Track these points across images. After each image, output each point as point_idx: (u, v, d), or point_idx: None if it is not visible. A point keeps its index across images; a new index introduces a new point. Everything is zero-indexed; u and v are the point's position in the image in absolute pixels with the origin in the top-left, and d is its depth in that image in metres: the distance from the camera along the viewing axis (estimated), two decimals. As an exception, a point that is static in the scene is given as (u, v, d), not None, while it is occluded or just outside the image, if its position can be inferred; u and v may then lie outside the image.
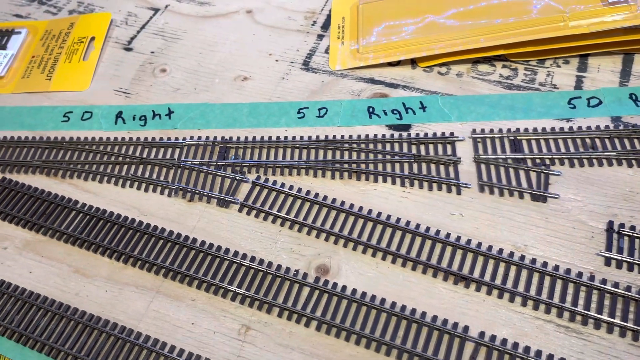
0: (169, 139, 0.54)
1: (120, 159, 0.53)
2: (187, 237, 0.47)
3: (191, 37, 0.64)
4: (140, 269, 0.46)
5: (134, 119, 0.56)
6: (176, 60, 0.61)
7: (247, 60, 0.60)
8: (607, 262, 0.41)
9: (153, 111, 0.57)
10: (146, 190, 0.51)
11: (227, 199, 0.49)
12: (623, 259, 0.41)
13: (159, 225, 0.48)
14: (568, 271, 0.41)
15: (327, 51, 0.60)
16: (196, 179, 0.51)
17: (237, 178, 0.50)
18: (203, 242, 0.46)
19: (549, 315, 0.40)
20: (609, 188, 0.45)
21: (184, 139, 0.54)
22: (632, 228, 0.42)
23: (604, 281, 0.40)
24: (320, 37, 0.62)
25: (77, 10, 0.69)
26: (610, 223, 0.43)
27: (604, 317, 0.39)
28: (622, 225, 0.43)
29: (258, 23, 0.64)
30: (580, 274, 0.41)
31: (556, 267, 0.41)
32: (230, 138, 0.53)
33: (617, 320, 0.38)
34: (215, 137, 0.53)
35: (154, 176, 0.52)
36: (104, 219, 0.49)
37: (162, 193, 0.50)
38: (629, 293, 0.39)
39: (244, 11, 0.66)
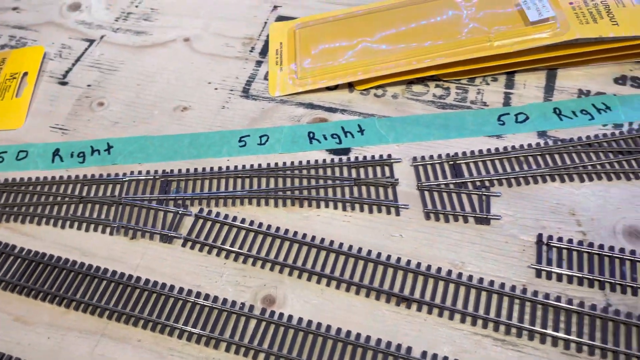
0: (109, 175, 0.53)
1: (59, 198, 0.52)
2: (130, 276, 0.47)
3: (128, 68, 0.63)
4: (83, 313, 0.45)
5: (72, 156, 0.55)
6: (114, 93, 0.61)
7: (186, 90, 0.60)
8: (538, 274, 0.44)
9: (91, 147, 0.56)
10: (87, 230, 0.50)
11: (170, 234, 0.49)
12: (552, 270, 0.43)
13: (102, 266, 0.47)
14: (502, 285, 0.43)
15: (266, 77, 0.61)
16: (138, 215, 0.50)
17: (180, 212, 0.50)
18: (147, 280, 0.46)
19: (487, 330, 0.41)
20: (538, 202, 0.47)
21: (125, 174, 0.53)
22: (560, 239, 0.45)
23: (535, 293, 0.42)
24: (259, 63, 0.62)
25: (9, 44, 0.67)
26: (540, 236, 0.45)
27: (537, 328, 0.41)
28: (550, 237, 0.45)
29: (196, 51, 0.64)
30: (513, 288, 0.43)
31: (491, 282, 0.43)
32: (172, 171, 0.53)
33: (549, 331, 0.40)
34: (156, 171, 0.53)
35: (95, 215, 0.51)
36: (44, 263, 0.48)
37: (103, 232, 0.50)
38: (558, 303, 0.41)
39: (182, 39, 0.65)
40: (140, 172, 0.53)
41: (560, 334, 0.40)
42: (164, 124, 0.57)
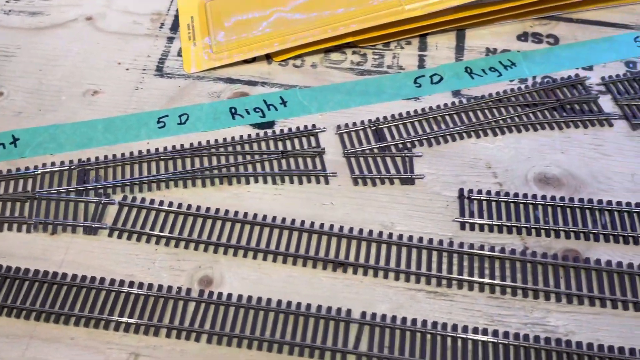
0: (18, 169, 0.50)
1: (-36, 199, 0.48)
2: (55, 274, 0.44)
3: (27, 52, 0.58)
4: (7, 317, 0.42)
5: (-28, 152, 0.51)
6: (13, 81, 0.56)
7: (94, 72, 0.57)
8: (462, 226, 0.46)
9: (-6, 141, 0.52)
10: (0, 229, 0.47)
11: (94, 225, 0.46)
12: (474, 221, 0.46)
13: (22, 266, 0.45)
14: (430, 241, 0.45)
15: (179, 54, 0.58)
16: (56, 209, 0.48)
17: (102, 201, 0.48)
18: (75, 276, 0.44)
19: (419, 285, 0.44)
20: (457, 158, 0.50)
21: (36, 167, 0.50)
22: (479, 192, 0.47)
23: (461, 244, 0.45)
24: (170, 39, 0.60)
25: None
26: (461, 190, 0.48)
27: (465, 277, 0.43)
28: (470, 190, 0.48)
29: (101, 30, 0.60)
30: (441, 242, 0.45)
31: (420, 239, 0.45)
32: (88, 159, 0.50)
33: (475, 278, 0.43)
34: (71, 161, 0.50)
35: (7, 213, 0.47)
36: (-45, 270, 0.44)
37: (19, 230, 0.47)
38: (482, 252, 0.44)
39: (84, 18, 0.61)
40: (53, 164, 0.50)
41: (486, 280, 0.43)
42: (74, 110, 0.54)
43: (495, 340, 0.40)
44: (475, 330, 0.41)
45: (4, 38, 0.60)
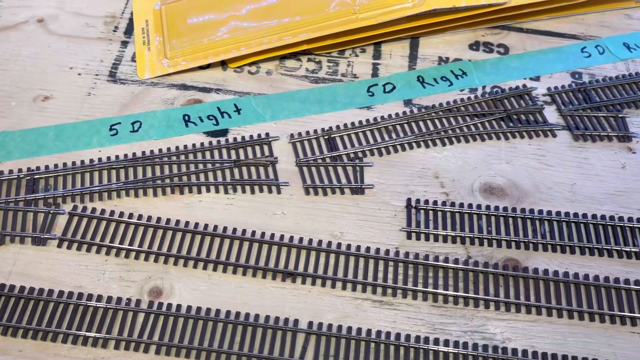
0: (-36, 178, 0.49)
1: None
2: (3, 285, 0.44)
3: (-25, 55, 0.57)
4: (-48, 331, 0.42)
5: None
6: (-40, 85, 0.55)
7: (45, 77, 0.56)
8: (409, 236, 0.47)
9: (-60, 148, 0.51)
10: (-54, 241, 0.46)
11: (43, 236, 0.46)
12: (420, 231, 0.47)
13: (-32, 278, 0.44)
14: (378, 250, 0.46)
15: (133, 59, 0.58)
16: (4, 219, 0.47)
17: (52, 211, 0.47)
18: (23, 287, 0.44)
19: (366, 294, 0.45)
20: (406, 168, 0.51)
21: (-17, 176, 0.49)
22: (426, 202, 0.49)
23: (407, 254, 0.46)
24: (124, 43, 0.59)
25: None
26: (409, 200, 0.49)
27: (409, 286, 0.45)
28: (418, 200, 0.49)
29: (52, 33, 0.59)
30: (387, 251, 0.46)
31: (368, 249, 0.46)
32: (38, 168, 0.50)
33: (419, 287, 0.45)
34: (20, 169, 0.50)
35: (-47, 224, 0.47)
36: None
37: (-35, 241, 0.46)
38: (426, 261, 0.46)
39: (35, 20, 0.60)
40: (1, 172, 0.49)
41: (429, 289, 0.45)
42: (23, 116, 0.53)
43: (436, 348, 0.42)
44: (418, 339, 0.42)
45: (-50, 40, 0.58)
